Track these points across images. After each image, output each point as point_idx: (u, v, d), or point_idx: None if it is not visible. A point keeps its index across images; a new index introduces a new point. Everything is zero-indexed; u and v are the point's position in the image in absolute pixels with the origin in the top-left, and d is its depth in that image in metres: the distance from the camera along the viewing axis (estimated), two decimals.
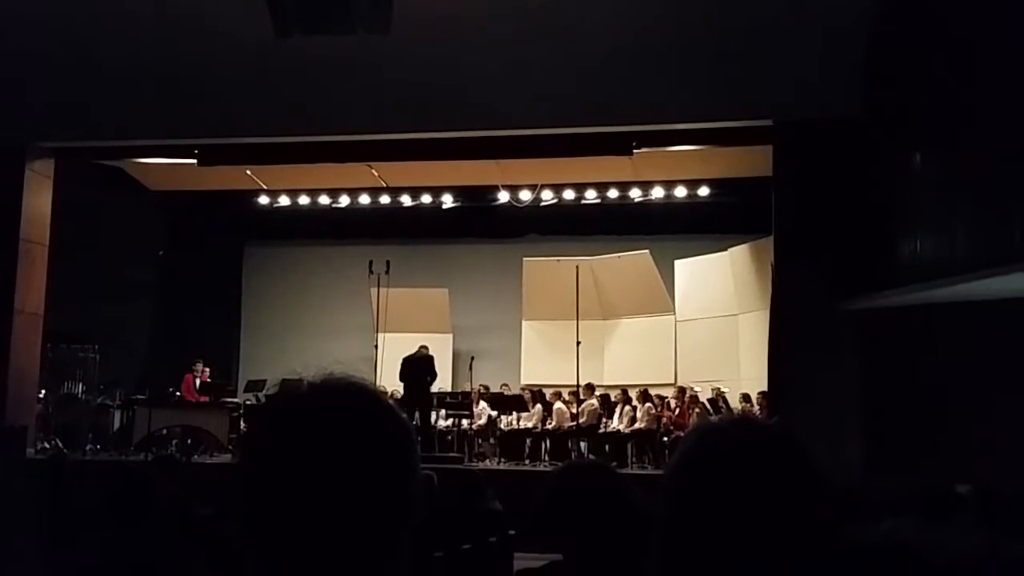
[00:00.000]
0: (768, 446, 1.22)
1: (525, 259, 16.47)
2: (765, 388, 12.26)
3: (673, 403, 13.79)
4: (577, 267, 15.35)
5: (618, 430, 13.74)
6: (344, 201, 16.58)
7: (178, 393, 14.76)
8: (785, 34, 10.77)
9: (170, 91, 11.95)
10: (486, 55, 11.40)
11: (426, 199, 16.47)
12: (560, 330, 15.48)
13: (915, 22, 10.35)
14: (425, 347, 14.13)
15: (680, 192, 15.29)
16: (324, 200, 16.60)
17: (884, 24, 10.64)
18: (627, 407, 13.86)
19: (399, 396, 13.63)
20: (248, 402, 14.49)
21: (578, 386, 14.12)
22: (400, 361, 13.92)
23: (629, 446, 13.59)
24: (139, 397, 14.50)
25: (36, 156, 13.26)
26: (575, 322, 14.72)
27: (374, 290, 15.47)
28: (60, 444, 13.28)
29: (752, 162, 12.66)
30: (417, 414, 13.05)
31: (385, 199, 16.44)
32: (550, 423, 14.15)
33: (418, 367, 13.75)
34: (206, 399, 14.73)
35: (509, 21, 11.17)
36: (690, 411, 13.32)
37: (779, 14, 10.69)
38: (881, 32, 10.68)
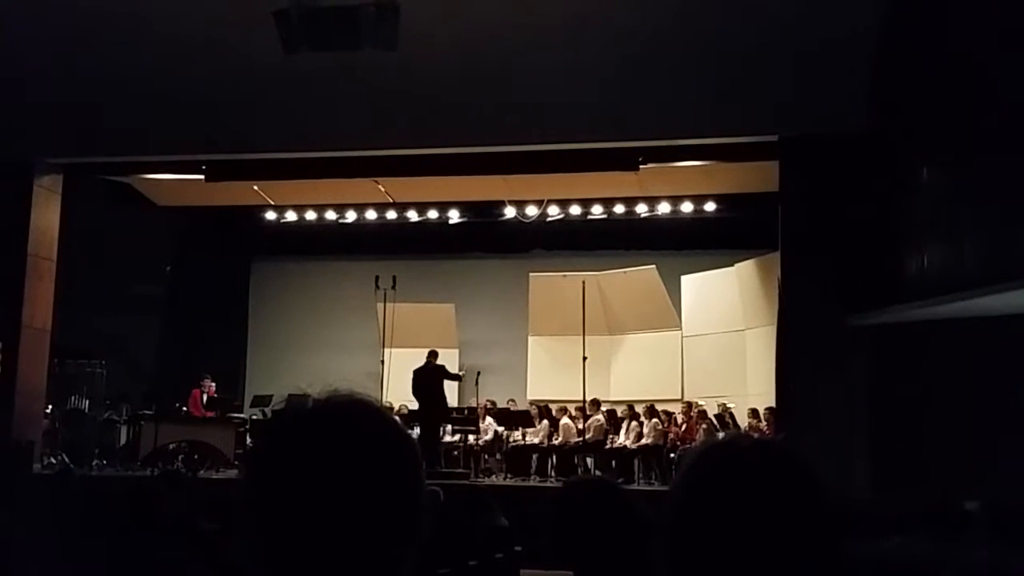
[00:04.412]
0: (773, 462, 1.22)
1: (531, 274, 16.46)
2: (772, 404, 12.22)
3: (680, 419, 13.75)
4: (583, 282, 15.36)
5: (624, 446, 13.70)
6: (351, 217, 16.60)
7: (185, 408, 14.77)
8: (791, 49, 10.78)
9: (178, 107, 11.99)
10: (492, 71, 11.42)
11: (432, 214, 16.50)
12: (566, 345, 15.47)
13: (922, 36, 10.36)
14: (434, 353, 14.09)
15: (686, 207, 15.29)
16: (331, 216, 16.63)
17: (890, 38, 10.65)
18: (634, 423, 13.83)
19: (406, 412, 13.64)
20: (254, 417, 14.47)
21: (584, 402, 14.11)
22: (411, 374, 13.91)
23: (636, 462, 13.56)
24: (146, 412, 14.51)
25: (44, 172, 13.31)
26: (581, 337, 14.72)
27: (380, 305, 15.49)
28: (67, 459, 13.30)
29: (758, 177, 12.66)
30: (418, 428, 12.99)
31: (392, 214, 16.46)
32: (556, 439, 14.13)
33: (428, 379, 13.73)
34: (212, 414, 14.73)
35: (514, 37, 11.19)
36: (697, 427, 13.28)
37: (785, 29, 10.70)
38: (887, 46, 10.69)
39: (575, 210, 15.70)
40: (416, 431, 12.78)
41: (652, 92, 11.38)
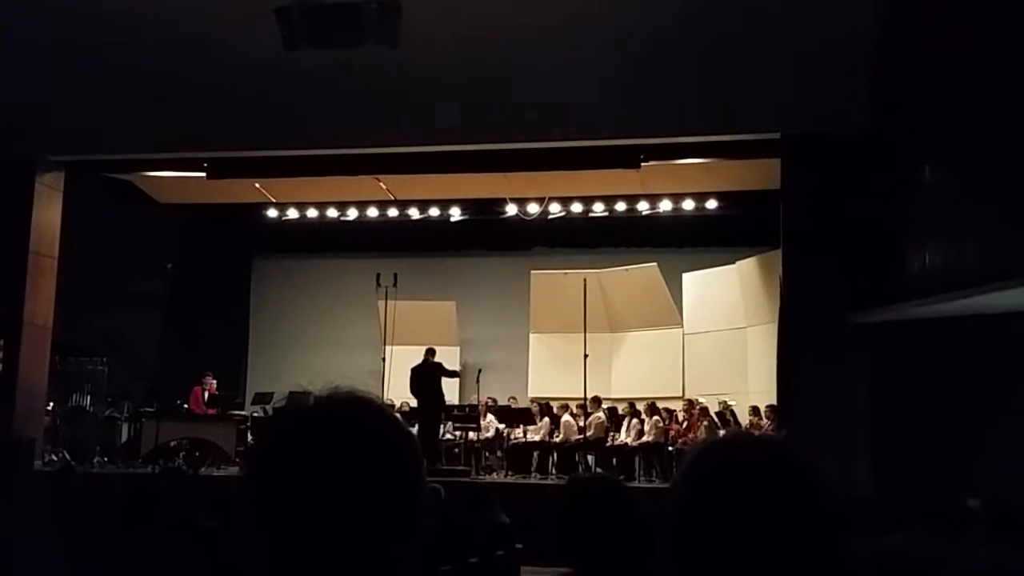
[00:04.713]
0: (774, 460, 1.22)
1: (533, 272, 16.46)
2: (774, 401, 12.22)
3: (681, 416, 13.75)
4: (585, 280, 15.36)
5: (625, 443, 13.70)
6: (352, 214, 16.61)
7: (186, 405, 14.78)
8: (792, 49, 10.77)
9: (179, 105, 11.99)
10: (494, 69, 11.41)
11: (434, 212, 16.50)
12: (568, 343, 15.47)
13: (921, 36, 10.35)
14: (432, 351, 14.10)
15: (688, 205, 15.29)
16: (332, 213, 16.63)
17: (890, 38, 10.64)
18: (635, 420, 13.82)
19: (407, 409, 13.64)
20: (256, 415, 14.49)
21: (585, 399, 14.10)
22: (409, 372, 13.92)
23: (637, 459, 13.55)
24: (147, 409, 14.52)
25: (46, 169, 13.32)
26: (583, 335, 14.71)
27: (382, 303, 15.48)
28: (68, 456, 13.31)
29: (760, 175, 12.66)
30: (418, 426, 12.98)
31: (393, 212, 16.47)
32: (557, 436, 14.12)
33: (426, 376, 13.73)
34: (214, 412, 14.74)
35: (516, 35, 11.18)
36: (698, 424, 13.28)
37: (787, 27, 10.69)
38: (887, 46, 10.68)
39: (576, 208, 15.70)
40: (416, 428, 12.78)
41: (653, 90, 11.37)
